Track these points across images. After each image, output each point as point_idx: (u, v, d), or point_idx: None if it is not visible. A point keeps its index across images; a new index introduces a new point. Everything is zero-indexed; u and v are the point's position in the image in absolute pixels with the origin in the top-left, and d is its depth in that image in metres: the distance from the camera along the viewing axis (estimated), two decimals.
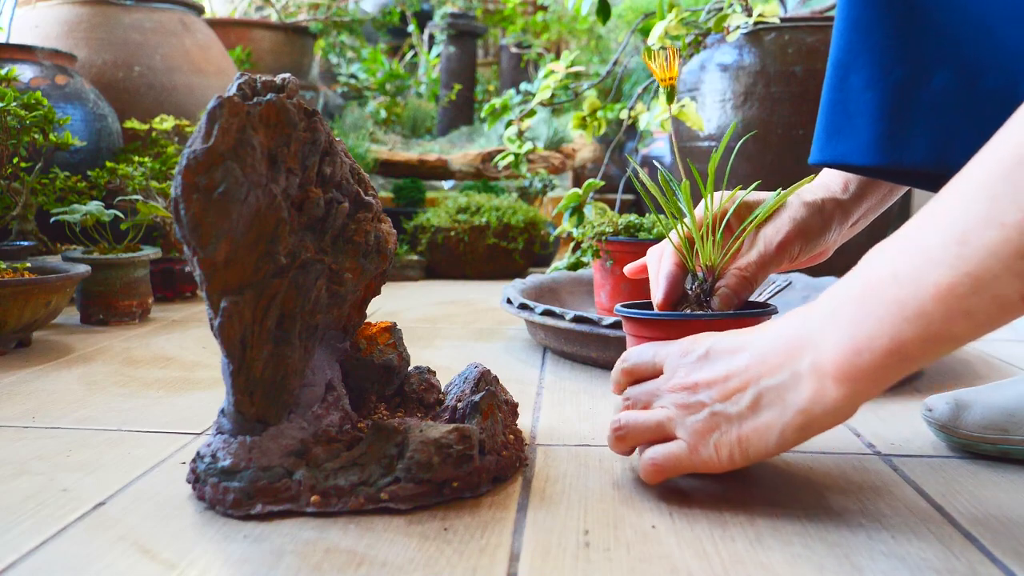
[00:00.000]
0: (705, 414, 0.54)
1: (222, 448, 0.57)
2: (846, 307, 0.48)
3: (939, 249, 0.43)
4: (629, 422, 0.59)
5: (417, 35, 3.56)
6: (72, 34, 1.71)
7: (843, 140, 0.63)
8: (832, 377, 0.48)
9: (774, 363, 0.51)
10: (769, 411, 0.51)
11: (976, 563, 0.49)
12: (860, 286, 0.47)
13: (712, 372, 0.55)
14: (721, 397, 0.53)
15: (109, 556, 0.49)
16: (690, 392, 0.55)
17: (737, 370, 0.53)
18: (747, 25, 1.42)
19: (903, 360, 0.45)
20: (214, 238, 0.52)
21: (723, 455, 0.54)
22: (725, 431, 0.53)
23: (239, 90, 0.56)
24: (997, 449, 0.65)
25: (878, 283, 0.46)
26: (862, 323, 0.46)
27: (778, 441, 0.51)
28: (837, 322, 0.48)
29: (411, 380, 0.71)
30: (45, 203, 1.30)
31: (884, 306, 0.45)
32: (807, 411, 0.50)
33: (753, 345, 0.53)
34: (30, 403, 0.82)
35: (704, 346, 0.56)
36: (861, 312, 0.46)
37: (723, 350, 0.55)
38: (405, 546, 0.50)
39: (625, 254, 1.12)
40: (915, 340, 0.44)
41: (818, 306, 0.50)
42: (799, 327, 0.51)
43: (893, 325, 0.45)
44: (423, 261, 1.84)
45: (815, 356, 0.49)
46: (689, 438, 0.55)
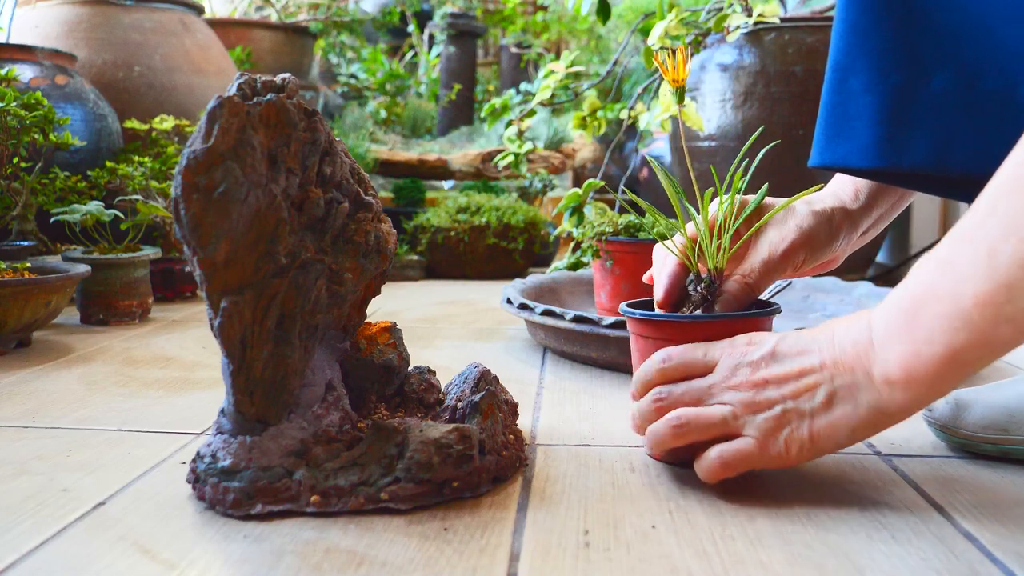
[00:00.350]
0: (776, 411, 0.55)
1: (222, 448, 0.57)
2: (903, 318, 0.50)
3: (973, 262, 0.45)
4: (692, 418, 0.57)
5: (417, 35, 3.56)
6: (72, 34, 1.71)
7: (843, 143, 0.63)
8: (899, 385, 0.50)
9: (846, 365, 0.53)
10: (842, 407, 0.53)
11: (976, 563, 0.49)
12: (912, 298, 0.49)
13: (783, 370, 0.55)
14: (793, 394, 0.54)
15: (109, 556, 0.49)
16: (758, 390, 0.56)
17: (810, 369, 0.54)
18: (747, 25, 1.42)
19: (960, 365, 0.48)
20: (214, 238, 0.52)
21: (792, 450, 0.55)
22: (796, 427, 0.54)
23: (239, 90, 0.56)
24: (997, 449, 0.65)
25: (926, 295, 0.48)
26: (919, 334, 0.48)
27: (849, 436, 0.53)
28: (897, 334, 0.50)
29: (411, 380, 0.71)
30: (45, 203, 1.30)
31: (936, 318, 0.47)
32: (878, 410, 0.52)
33: (822, 347, 0.55)
34: (30, 403, 0.82)
35: (769, 345, 0.57)
36: (917, 324, 0.49)
37: (791, 350, 0.56)
38: (405, 546, 0.50)
39: (625, 254, 1.12)
40: (967, 347, 0.47)
41: (880, 316, 0.52)
42: (864, 334, 0.52)
43: (946, 335, 0.47)
44: (423, 261, 1.84)
45: (883, 366, 0.51)
46: (759, 435, 0.55)
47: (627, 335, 0.90)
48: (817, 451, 0.55)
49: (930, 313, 0.48)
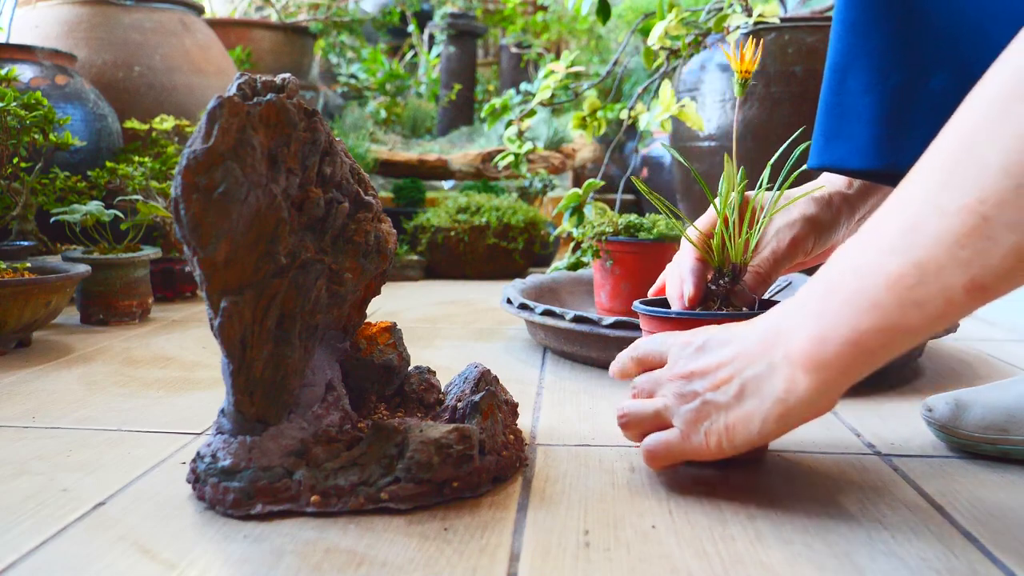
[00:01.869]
0: (697, 403, 0.55)
1: (222, 448, 0.57)
2: (813, 299, 0.49)
3: (893, 238, 0.44)
4: (631, 411, 0.60)
5: (417, 35, 3.56)
6: (72, 34, 1.71)
7: (841, 144, 0.64)
8: (801, 367, 0.49)
9: (754, 353, 0.52)
10: (750, 400, 0.52)
11: (976, 563, 0.49)
12: (825, 279, 0.48)
13: (705, 362, 0.56)
14: (712, 386, 0.55)
15: (109, 556, 0.49)
16: (686, 381, 0.56)
17: (725, 360, 0.54)
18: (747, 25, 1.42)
19: (864, 351, 0.46)
20: (214, 238, 0.52)
21: (712, 442, 0.55)
22: (715, 419, 0.54)
23: (239, 90, 0.56)
24: (997, 449, 0.65)
25: (840, 275, 0.47)
26: (824, 314, 0.47)
27: (760, 430, 0.52)
28: (805, 314, 0.49)
29: (411, 380, 0.71)
30: (45, 203, 1.30)
31: (844, 297, 0.46)
32: (783, 400, 0.51)
33: (740, 336, 0.55)
34: (30, 403, 0.82)
35: (702, 338, 0.57)
36: (824, 304, 0.48)
37: (716, 342, 0.56)
38: (405, 546, 0.50)
39: (625, 254, 1.12)
40: (872, 331, 0.45)
41: (794, 300, 0.51)
42: (777, 319, 0.52)
43: (851, 316, 0.46)
44: (423, 261, 1.84)
45: (787, 347, 0.50)
46: (683, 426, 0.56)
47: (627, 335, 0.90)
48: (735, 445, 0.54)
49: (840, 294, 0.46)
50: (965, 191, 0.41)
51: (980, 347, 1.13)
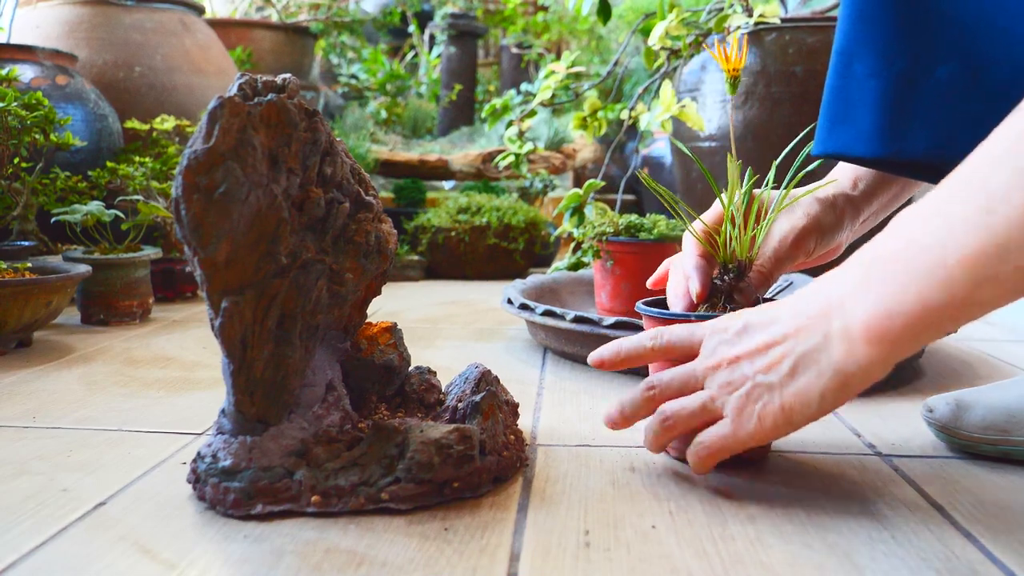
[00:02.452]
0: (748, 387, 0.54)
1: (222, 448, 0.57)
2: (875, 271, 0.48)
3: (965, 217, 0.43)
4: (675, 411, 0.58)
5: (418, 35, 3.56)
6: (73, 34, 1.71)
7: (845, 130, 0.63)
8: (863, 339, 0.48)
9: (807, 328, 0.51)
10: (806, 375, 0.51)
11: (976, 563, 0.49)
12: (888, 253, 0.47)
13: (750, 344, 0.55)
14: (763, 368, 0.53)
15: (109, 556, 0.49)
16: (732, 368, 0.55)
17: (774, 339, 0.53)
18: (748, 25, 1.42)
19: (931, 324, 0.46)
20: (215, 238, 0.52)
21: (767, 424, 0.53)
22: (768, 400, 0.53)
23: (240, 90, 0.56)
24: (998, 450, 0.65)
25: (906, 249, 0.46)
26: (890, 288, 0.46)
27: (819, 403, 0.51)
28: (867, 286, 0.48)
29: (412, 380, 0.71)
30: (46, 203, 1.30)
31: (912, 271, 0.45)
32: (842, 372, 0.50)
33: (787, 314, 0.54)
34: (30, 403, 0.82)
35: (739, 322, 0.56)
36: (890, 277, 0.47)
37: (760, 322, 0.55)
38: (405, 546, 0.50)
39: (626, 254, 1.12)
40: (942, 305, 0.45)
41: (847, 270, 0.50)
42: (829, 292, 0.51)
43: (920, 291, 0.45)
44: (424, 261, 1.84)
45: (845, 319, 0.49)
46: (733, 415, 0.55)
47: (626, 335, 0.90)
48: (793, 423, 0.53)
49: (906, 267, 0.46)
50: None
51: (981, 347, 1.13)
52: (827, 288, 0.52)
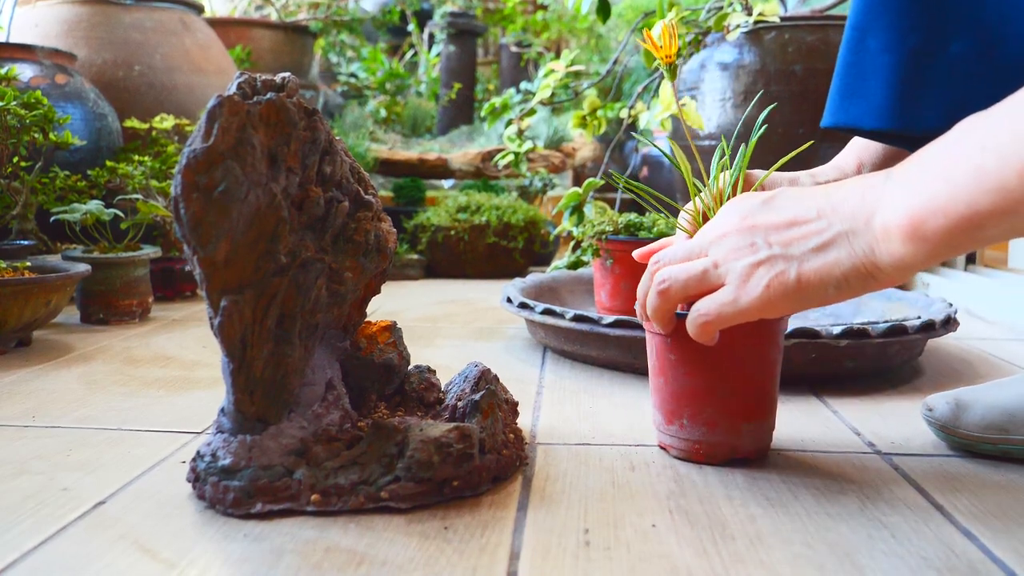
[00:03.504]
0: (761, 255, 0.52)
1: (222, 447, 0.57)
2: (929, 171, 0.46)
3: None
4: (672, 273, 0.56)
5: (417, 34, 3.56)
6: (72, 33, 1.71)
7: (856, 103, 0.63)
8: (901, 236, 0.47)
9: (847, 212, 0.50)
10: (835, 253, 0.50)
11: (976, 562, 0.49)
12: (945, 154, 0.46)
13: (776, 216, 0.52)
14: (783, 241, 0.52)
15: (109, 555, 0.49)
16: (746, 234, 0.53)
17: (806, 215, 0.51)
18: (747, 24, 1.42)
19: (976, 229, 0.44)
20: (214, 237, 0.52)
21: (774, 294, 0.51)
22: (784, 270, 0.51)
23: (239, 89, 0.55)
24: (997, 449, 0.65)
25: (962, 153, 0.45)
26: (941, 188, 0.45)
27: (838, 286, 0.50)
28: (918, 184, 0.47)
29: (411, 379, 0.71)
30: (45, 202, 1.30)
31: (966, 175, 0.44)
32: (872, 262, 0.49)
33: (825, 195, 0.52)
34: (30, 402, 0.82)
35: (768, 194, 0.54)
36: (942, 178, 0.45)
37: (789, 198, 0.53)
38: (405, 545, 0.50)
39: (625, 253, 1.12)
40: (990, 212, 0.43)
41: (901, 168, 0.49)
42: (877, 185, 0.49)
43: (971, 195, 0.44)
44: (423, 260, 1.84)
45: (886, 215, 0.48)
46: (737, 280, 0.53)
47: (627, 334, 0.90)
48: (802, 297, 0.51)
49: (961, 168, 0.44)
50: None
51: (980, 346, 1.13)
52: (876, 182, 0.50)
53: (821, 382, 0.90)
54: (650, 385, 0.67)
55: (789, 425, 0.75)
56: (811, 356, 0.86)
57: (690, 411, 0.64)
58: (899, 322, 0.88)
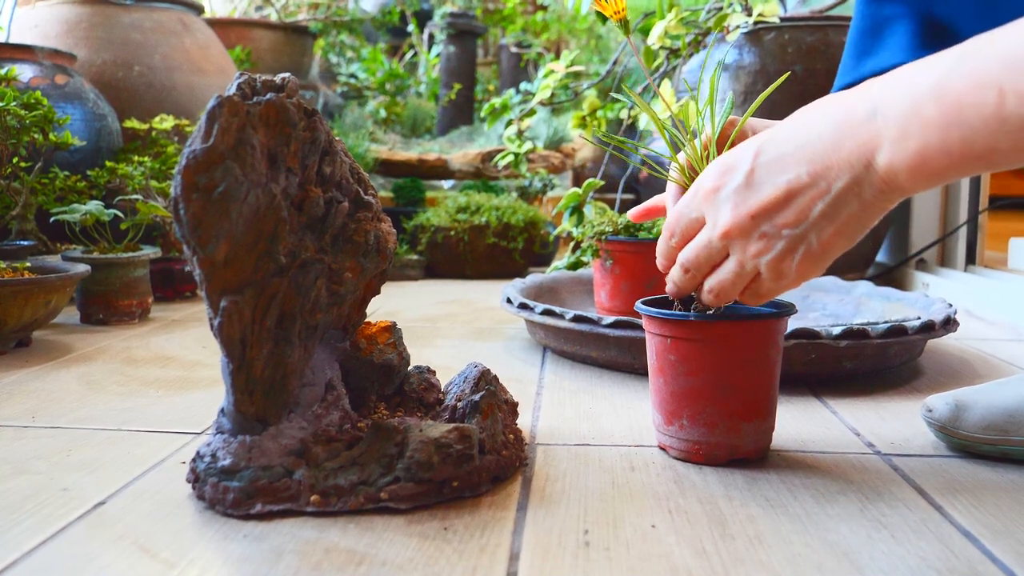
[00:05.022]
0: (779, 248, 0.52)
1: (222, 447, 0.57)
2: (931, 108, 0.44)
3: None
4: (716, 284, 0.57)
5: (417, 35, 3.56)
6: (72, 34, 1.71)
7: (872, 60, 0.62)
8: (906, 175, 0.46)
9: (842, 163, 0.48)
10: (847, 208, 0.49)
11: (976, 562, 0.49)
12: (950, 91, 0.43)
13: (766, 197, 0.51)
14: (792, 222, 0.51)
15: (109, 555, 0.49)
16: (753, 230, 0.52)
17: (798, 183, 0.50)
18: (747, 24, 1.42)
19: (988, 164, 0.44)
20: (214, 237, 0.52)
21: (808, 269, 0.52)
22: (805, 248, 0.51)
23: (239, 89, 0.55)
24: (997, 450, 0.65)
25: (973, 92, 0.42)
26: (954, 134, 0.43)
27: (859, 229, 0.50)
28: (918, 124, 0.45)
29: (411, 379, 0.71)
30: (45, 202, 1.30)
31: (983, 119, 0.42)
32: (886, 195, 0.48)
33: (805, 150, 0.50)
34: (30, 402, 0.82)
35: (742, 169, 0.53)
36: (954, 122, 0.43)
37: (769, 166, 0.51)
38: (405, 545, 0.50)
39: (625, 254, 1.12)
40: (1013, 148, 0.42)
41: (889, 99, 0.46)
42: (864, 122, 0.47)
43: (990, 137, 0.42)
44: (423, 260, 1.84)
45: (893, 154, 0.46)
46: (770, 275, 0.54)
47: (627, 335, 0.90)
48: (833, 254, 0.51)
49: (975, 111, 0.42)
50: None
51: (980, 347, 1.13)
52: (853, 116, 0.48)
53: (821, 382, 0.90)
54: (650, 386, 0.67)
55: (789, 425, 0.75)
56: (811, 356, 0.86)
57: (690, 411, 0.64)
58: (899, 323, 0.88)
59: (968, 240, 1.70)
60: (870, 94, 0.48)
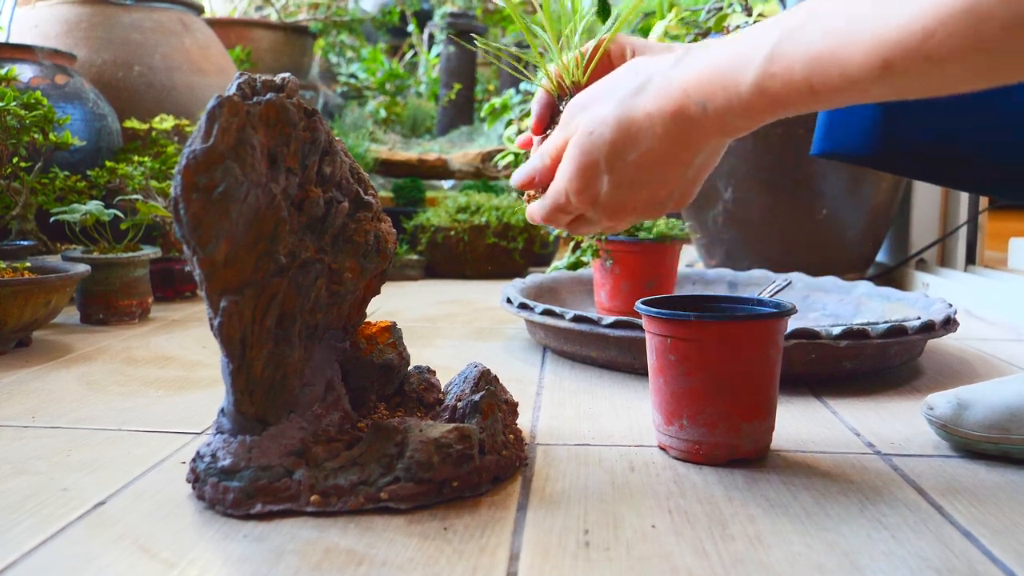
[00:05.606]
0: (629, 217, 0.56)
1: (222, 448, 0.57)
2: (757, 101, 0.47)
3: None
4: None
5: (417, 35, 3.56)
6: (72, 34, 1.71)
7: (842, 129, 0.63)
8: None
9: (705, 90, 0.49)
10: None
11: (976, 563, 0.49)
12: (767, 90, 0.46)
13: (626, 197, 0.55)
14: (648, 202, 0.55)
15: (109, 555, 0.49)
16: (591, 216, 0.56)
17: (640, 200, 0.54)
18: (747, 24, 1.42)
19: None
20: (214, 237, 0.52)
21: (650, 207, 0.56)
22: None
23: (239, 89, 0.55)
24: (998, 448, 0.65)
25: (787, 88, 0.45)
26: (778, 114, 0.47)
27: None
28: (749, 116, 0.48)
29: (411, 379, 0.71)
30: (45, 203, 1.30)
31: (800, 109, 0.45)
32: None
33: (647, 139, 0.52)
34: (30, 402, 0.82)
35: (594, 170, 0.55)
36: (778, 110, 0.46)
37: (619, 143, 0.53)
38: (405, 546, 0.50)
39: (625, 254, 1.12)
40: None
41: (720, 98, 0.48)
42: (700, 114, 0.49)
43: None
44: (423, 260, 1.84)
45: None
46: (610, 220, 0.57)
47: (627, 335, 0.90)
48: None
49: (792, 105, 0.45)
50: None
51: (980, 346, 1.13)
52: (690, 113, 0.50)
53: (821, 382, 0.90)
54: (650, 386, 0.67)
55: (789, 425, 0.75)
56: (811, 356, 0.86)
57: (690, 412, 0.64)
58: (899, 323, 0.88)
59: (968, 240, 1.70)
60: (701, 91, 0.49)
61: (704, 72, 0.49)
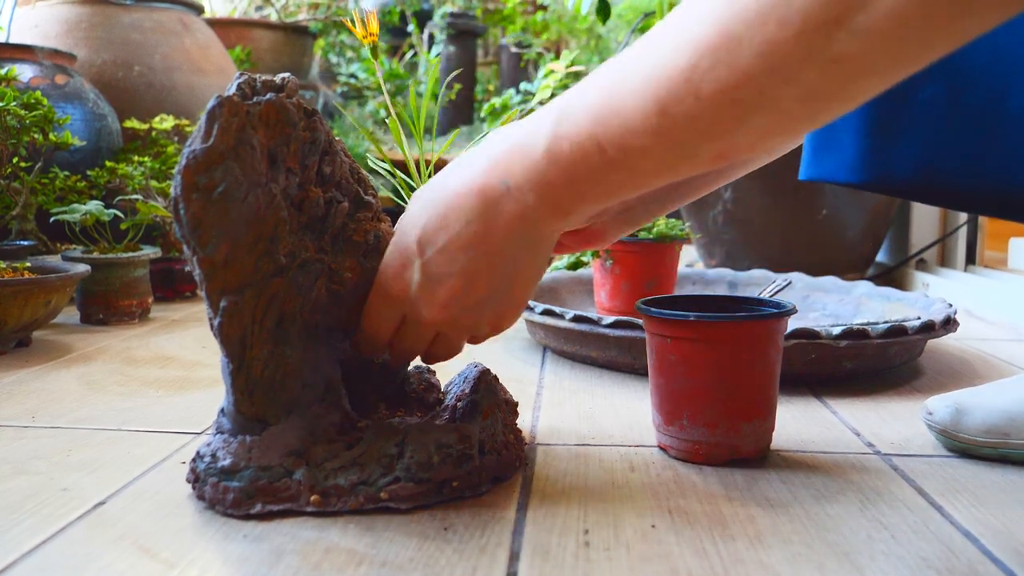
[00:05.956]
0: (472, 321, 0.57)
1: (222, 448, 0.57)
2: (553, 173, 0.47)
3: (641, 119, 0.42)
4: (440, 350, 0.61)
5: (417, 35, 3.56)
6: (72, 34, 1.71)
7: (829, 155, 0.63)
8: (553, 217, 0.50)
9: (496, 232, 0.51)
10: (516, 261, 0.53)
11: (976, 563, 0.49)
12: (558, 155, 0.46)
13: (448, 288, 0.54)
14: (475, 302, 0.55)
15: (109, 555, 0.49)
16: (446, 316, 0.56)
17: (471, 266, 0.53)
18: None
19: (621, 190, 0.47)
20: (214, 238, 0.52)
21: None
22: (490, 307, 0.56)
23: (239, 89, 0.55)
24: (997, 453, 0.65)
25: (576, 150, 0.45)
26: (577, 184, 0.47)
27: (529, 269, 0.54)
28: (549, 187, 0.48)
29: (411, 379, 0.71)
30: (45, 203, 1.30)
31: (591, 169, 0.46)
32: (541, 237, 0.52)
33: (458, 234, 0.52)
34: (30, 402, 0.82)
35: (416, 264, 0.55)
36: (571, 175, 0.47)
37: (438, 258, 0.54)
38: (405, 546, 0.50)
39: (625, 254, 1.12)
40: (626, 185, 0.46)
41: (518, 171, 0.49)
42: (503, 193, 0.50)
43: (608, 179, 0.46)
44: None
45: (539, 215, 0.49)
46: (488, 329, 0.59)
47: (627, 335, 0.90)
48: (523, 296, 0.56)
49: (583, 163, 0.45)
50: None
51: (980, 347, 1.13)
52: (494, 194, 0.50)
53: (821, 382, 0.90)
54: (650, 386, 0.67)
55: (789, 425, 0.75)
56: (811, 357, 0.86)
57: (690, 412, 0.64)
58: (899, 323, 0.88)
59: (968, 240, 1.70)
60: (503, 166, 0.50)
61: (506, 146, 0.49)
